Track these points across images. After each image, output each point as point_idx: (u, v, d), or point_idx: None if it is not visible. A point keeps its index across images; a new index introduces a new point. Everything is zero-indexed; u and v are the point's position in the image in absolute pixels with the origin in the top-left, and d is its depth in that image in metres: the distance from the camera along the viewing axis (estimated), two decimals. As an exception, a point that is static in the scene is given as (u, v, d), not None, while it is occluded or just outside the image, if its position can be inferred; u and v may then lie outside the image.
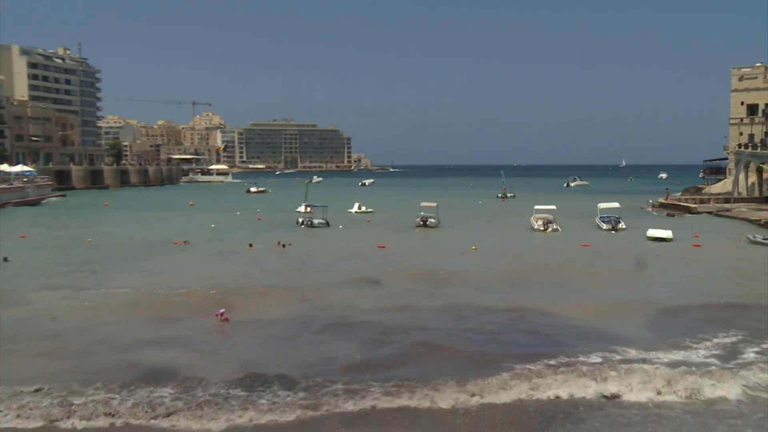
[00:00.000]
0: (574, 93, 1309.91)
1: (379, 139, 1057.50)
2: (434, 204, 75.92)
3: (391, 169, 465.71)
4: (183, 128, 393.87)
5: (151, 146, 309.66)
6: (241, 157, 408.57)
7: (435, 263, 47.69)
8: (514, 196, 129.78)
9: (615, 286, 38.94)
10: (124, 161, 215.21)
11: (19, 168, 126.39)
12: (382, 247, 55.09)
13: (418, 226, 70.41)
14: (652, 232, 60.17)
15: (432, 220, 71.60)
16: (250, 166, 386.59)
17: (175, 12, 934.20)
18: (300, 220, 75.10)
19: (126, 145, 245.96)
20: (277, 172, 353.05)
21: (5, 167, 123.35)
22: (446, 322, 29.41)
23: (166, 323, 29.42)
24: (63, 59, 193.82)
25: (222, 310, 30.05)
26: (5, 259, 47.45)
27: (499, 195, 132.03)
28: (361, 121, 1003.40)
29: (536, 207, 74.42)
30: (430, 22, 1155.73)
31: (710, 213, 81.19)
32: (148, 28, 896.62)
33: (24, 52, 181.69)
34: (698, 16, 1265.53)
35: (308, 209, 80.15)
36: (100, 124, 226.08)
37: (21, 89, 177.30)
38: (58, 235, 67.12)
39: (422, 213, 72.78)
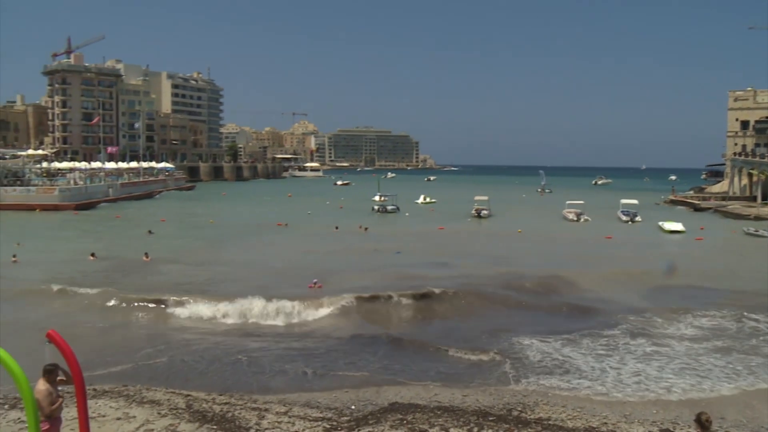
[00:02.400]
0: (605, 104, 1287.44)
1: (442, 143, 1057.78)
2: (486, 197, 74.08)
3: (452, 168, 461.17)
4: (284, 133, 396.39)
5: (260, 148, 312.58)
6: (330, 157, 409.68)
7: (488, 244, 46.98)
8: (551, 191, 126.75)
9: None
10: (239, 160, 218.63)
11: (162, 165, 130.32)
12: (442, 228, 54.78)
13: (473, 217, 68.03)
14: (668, 226, 57.36)
15: (485, 212, 69.05)
16: (337, 164, 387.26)
17: (279, 42, 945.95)
18: (375, 207, 74.97)
19: (241, 147, 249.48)
20: (358, 170, 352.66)
21: (154, 164, 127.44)
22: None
23: (272, 290, 28.95)
24: (196, 81, 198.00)
25: (315, 280, 29.78)
26: (150, 232, 49.96)
27: (539, 190, 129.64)
28: (428, 127, 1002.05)
29: (568, 202, 73.04)
30: (490, 48, 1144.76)
31: (711, 209, 78.88)
32: (260, 55, 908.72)
33: (169, 76, 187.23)
34: (700, 49, 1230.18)
35: (382, 198, 79.92)
36: (222, 130, 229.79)
37: (166, 105, 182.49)
38: (189, 217, 68.81)
39: (477, 205, 70.74)
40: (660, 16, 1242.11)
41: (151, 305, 24.49)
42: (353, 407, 15.04)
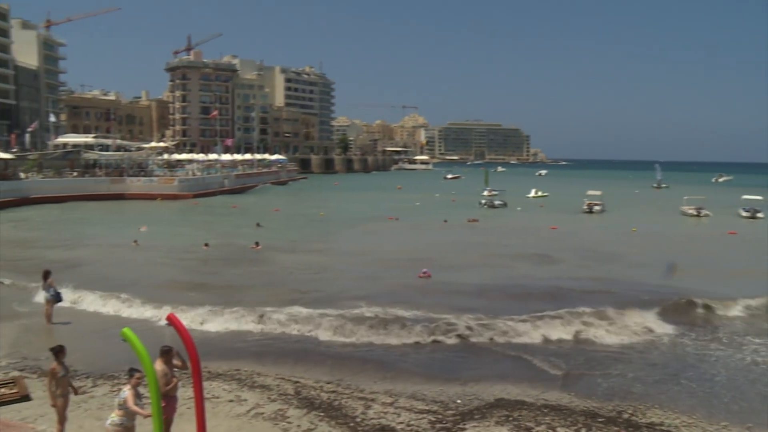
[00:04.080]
0: (732, 96, 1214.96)
1: (554, 137, 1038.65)
2: (599, 192, 71.79)
3: (563, 162, 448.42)
4: (394, 126, 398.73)
5: (370, 141, 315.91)
6: (440, 150, 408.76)
7: (600, 242, 45.16)
8: (668, 187, 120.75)
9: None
10: (349, 152, 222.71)
11: (275, 156, 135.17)
12: (555, 228, 52.67)
13: (584, 212, 66.12)
14: None
15: (597, 207, 67.11)
16: (447, 157, 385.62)
17: (389, 36, 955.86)
18: (482, 201, 74.46)
19: (351, 140, 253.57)
20: (468, 163, 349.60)
21: (267, 156, 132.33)
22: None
23: (379, 279, 29.66)
24: (308, 75, 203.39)
25: (425, 270, 30.23)
26: (258, 225, 49.91)
27: (655, 185, 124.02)
28: (539, 121, 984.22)
29: (685, 197, 69.63)
30: (604, 46, 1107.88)
31: None
32: (370, 48, 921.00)
33: (282, 71, 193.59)
34: None
35: (491, 192, 79.21)
36: (333, 123, 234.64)
37: (279, 98, 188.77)
38: (299, 208, 70.64)
39: (588, 200, 68.65)
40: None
41: (265, 296, 25.32)
42: (459, 401, 15.09)
